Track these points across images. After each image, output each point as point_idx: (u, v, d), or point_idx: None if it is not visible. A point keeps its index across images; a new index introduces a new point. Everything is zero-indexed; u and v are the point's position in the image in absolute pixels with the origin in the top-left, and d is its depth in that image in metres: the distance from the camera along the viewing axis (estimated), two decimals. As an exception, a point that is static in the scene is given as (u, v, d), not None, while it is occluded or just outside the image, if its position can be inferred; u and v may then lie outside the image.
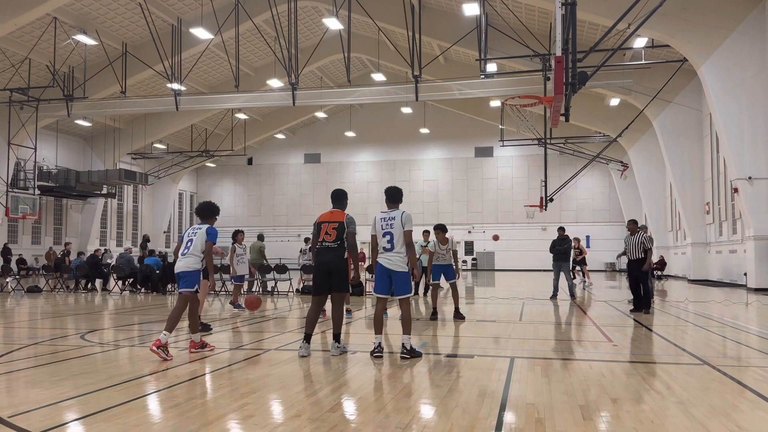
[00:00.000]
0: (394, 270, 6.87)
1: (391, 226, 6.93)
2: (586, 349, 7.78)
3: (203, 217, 7.53)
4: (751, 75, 18.44)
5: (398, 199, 7.19)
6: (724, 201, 23.85)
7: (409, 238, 6.91)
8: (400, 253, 6.88)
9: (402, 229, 6.89)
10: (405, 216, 6.94)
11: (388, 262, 6.89)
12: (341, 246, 7.03)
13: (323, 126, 45.61)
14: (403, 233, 6.89)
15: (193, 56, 28.43)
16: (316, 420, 4.30)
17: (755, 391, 5.21)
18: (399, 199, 7.19)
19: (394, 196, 7.20)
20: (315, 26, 31.31)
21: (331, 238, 7.02)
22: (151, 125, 36.37)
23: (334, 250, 7.02)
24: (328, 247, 7.03)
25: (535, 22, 25.01)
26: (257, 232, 26.27)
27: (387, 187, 7.34)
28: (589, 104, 30.47)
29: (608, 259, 40.82)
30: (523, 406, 4.68)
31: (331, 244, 7.02)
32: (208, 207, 7.59)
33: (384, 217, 7.02)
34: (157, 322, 11.01)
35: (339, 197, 7.36)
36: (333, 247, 7.02)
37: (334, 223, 7.05)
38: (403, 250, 6.88)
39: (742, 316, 11.77)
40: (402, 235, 6.89)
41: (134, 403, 4.84)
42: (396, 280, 6.90)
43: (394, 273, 6.88)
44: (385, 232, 6.95)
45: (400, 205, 7.16)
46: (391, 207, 7.14)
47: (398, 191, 7.26)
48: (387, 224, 6.96)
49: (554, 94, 11.30)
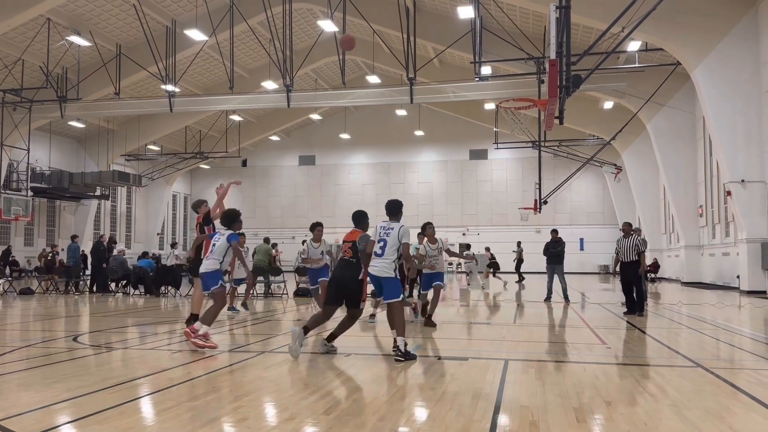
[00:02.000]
0: (382, 276, 7.06)
1: (388, 234, 7.18)
2: (580, 352, 7.79)
3: (226, 225, 8.12)
4: (744, 78, 18.54)
5: (397, 211, 7.41)
6: (717, 204, 23.95)
7: (407, 252, 7.21)
8: (388, 260, 7.07)
9: (397, 240, 7.10)
10: (403, 230, 7.18)
11: (374, 269, 7.10)
12: (358, 263, 7.23)
13: (318, 128, 45.59)
14: (398, 244, 7.12)
15: (188, 58, 28.36)
16: (310, 423, 4.29)
17: (748, 393, 5.22)
18: (398, 211, 7.41)
19: (392, 209, 7.42)
20: (310, 28, 31.30)
21: (348, 254, 7.28)
22: (144, 127, 36.23)
23: (351, 266, 7.22)
24: (346, 262, 7.28)
25: (529, 25, 25.08)
26: (251, 233, 26.21)
27: (387, 201, 7.55)
28: (583, 107, 30.57)
29: (602, 262, 40.96)
30: (517, 409, 4.68)
31: (350, 258, 7.26)
32: (228, 215, 8.17)
33: (384, 226, 7.28)
34: (150, 324, 10.97)
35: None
36: (351, 262, 7.24)
37: (349, 243, 7.32)
38: (391, 257, 7.08)
39: (735, 318, 11.81)
40: (394, 245, 7.10)
41: (127, 406, 4.81)
42: (385, 286, 7.09)
43: (383, 279, 7.07)
44: (380, 239, 7.18)
45: (401, 217, 7.41)
46: (393, 219, 7.36)
47: (397, 204, 7.48)
48: (384, 232, 7.21)
49: (548, 97, 11.33)
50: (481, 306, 15.11)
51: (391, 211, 7.40)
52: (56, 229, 36.37)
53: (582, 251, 40.99)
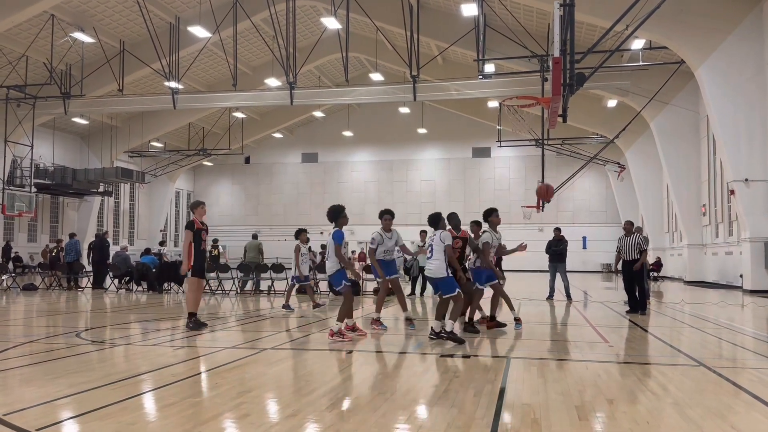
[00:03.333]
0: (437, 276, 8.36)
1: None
2: (582, 350, 7.79)
3: (331, 220, 8.52)
4: (748, 77, 18.48)
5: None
6: (721, 203, 23.89)
7: (339, 252, 8.28)
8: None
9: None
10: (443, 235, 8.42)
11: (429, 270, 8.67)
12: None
13: (321, 125, 45.58)
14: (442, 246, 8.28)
15: (191, 54, 28.38)
16: (312, 419, 4.30)
17: (750, 392, 5.22)
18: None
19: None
20: (313, 25, 31.29)
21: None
22: (148, 123, 36.28)
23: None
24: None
25: (533, 23, 25.02)
26: (254, 231, 26.20)
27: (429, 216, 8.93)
28: (586, 105, 30.50)
29: (605, 260, 40.89)
30: (519, 407, 4.68)
31: None
32: (333, 211, 8.52)
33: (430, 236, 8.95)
34: (153, 320, 11.00)
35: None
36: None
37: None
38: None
39: (738, 317, 11.79)
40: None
41: (129, 402, 4.83)
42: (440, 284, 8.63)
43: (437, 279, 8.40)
44: (429, 245, 8.73)
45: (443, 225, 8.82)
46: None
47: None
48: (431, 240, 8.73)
49: (552, 95, 11.31)
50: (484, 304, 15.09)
51: (432, 223, 8.72)
52: (59, 226, 36.45)
53: (585, 250, 40.93)
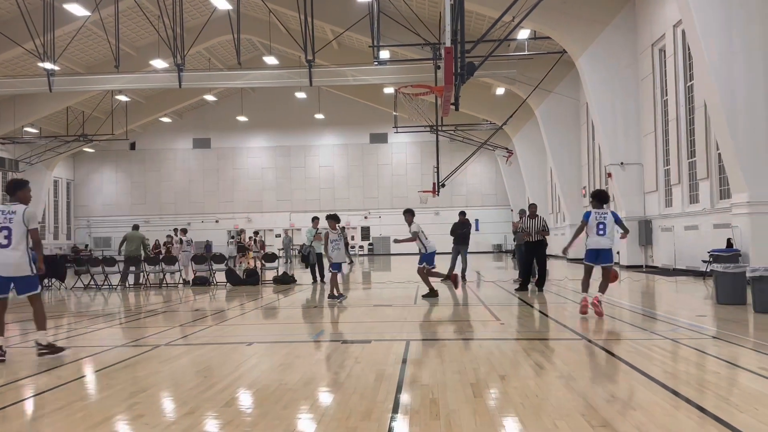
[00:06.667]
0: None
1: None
2: (476, 329, 8.12)
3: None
4: (623, 66, 19.86)
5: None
6: (599, 185, 25.57)
7: (36, 236, 6.45)
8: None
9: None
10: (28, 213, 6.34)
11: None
12: None
13: (213, 109, 44.06)
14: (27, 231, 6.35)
15: (68, 34, 26.40)
16: (211, 416, 4.20)
17: (627, 362, 5.66)
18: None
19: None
20: (202, 5, 30.06)
21: None
22: (21, 107, 33.46)
23: None
24: None
25: (425, 11, 25.45)
26: (142, 221, 25.03)
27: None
28: (476, 93, 31.52)
29: (495, 241, 42.71)
30: (418, 388, 4.81)
31: None
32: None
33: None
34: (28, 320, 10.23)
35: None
36: None
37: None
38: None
39: (615, 292, 12.70)
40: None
41: (10, 409, 4.49)
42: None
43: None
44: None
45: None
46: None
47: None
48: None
49: (444, 84, 11.55)
50: (384, 288, 15.34)
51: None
52: None
53: (477, 231, 42.56)
